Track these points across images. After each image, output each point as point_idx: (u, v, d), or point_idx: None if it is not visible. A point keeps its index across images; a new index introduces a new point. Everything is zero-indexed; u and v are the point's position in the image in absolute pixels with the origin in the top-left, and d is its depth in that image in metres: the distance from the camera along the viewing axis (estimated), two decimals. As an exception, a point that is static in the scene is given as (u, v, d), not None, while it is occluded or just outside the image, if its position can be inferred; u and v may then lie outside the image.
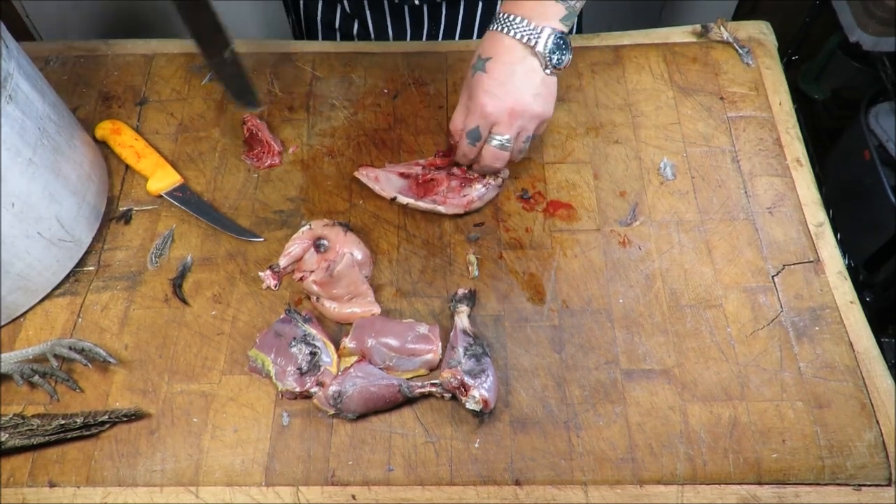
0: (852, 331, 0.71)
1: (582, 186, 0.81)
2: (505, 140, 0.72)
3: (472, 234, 0.78)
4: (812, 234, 0.77)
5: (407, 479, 0.65)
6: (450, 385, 0.65)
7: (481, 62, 0.71)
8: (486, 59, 0.71)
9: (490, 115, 0.71)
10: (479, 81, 0.71)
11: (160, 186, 0.81)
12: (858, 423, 0.66)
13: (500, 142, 0.72)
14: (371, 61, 0.92)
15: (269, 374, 0.68)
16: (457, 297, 0.73)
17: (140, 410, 0.68)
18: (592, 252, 0.77)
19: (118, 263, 0.77)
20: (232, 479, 0.65)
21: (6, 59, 0.65)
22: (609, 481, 0.64)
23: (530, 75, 0.70)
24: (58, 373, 0.68)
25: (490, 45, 0.71)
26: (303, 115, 0.88)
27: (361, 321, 0.71)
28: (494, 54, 0.70)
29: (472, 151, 0.75)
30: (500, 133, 0.72)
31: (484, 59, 0.71)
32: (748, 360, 0.70)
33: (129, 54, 0.93)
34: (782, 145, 0.84)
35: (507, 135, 0.72)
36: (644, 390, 0.68)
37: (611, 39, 0.93)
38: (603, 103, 0.88)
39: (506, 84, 0.70)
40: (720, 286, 0.74)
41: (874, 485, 0.64)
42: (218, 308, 0.74)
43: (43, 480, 0.65)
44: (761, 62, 0.91)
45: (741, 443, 0.65)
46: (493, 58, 0.70)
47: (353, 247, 0.74)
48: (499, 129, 0.72)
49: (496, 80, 0.70)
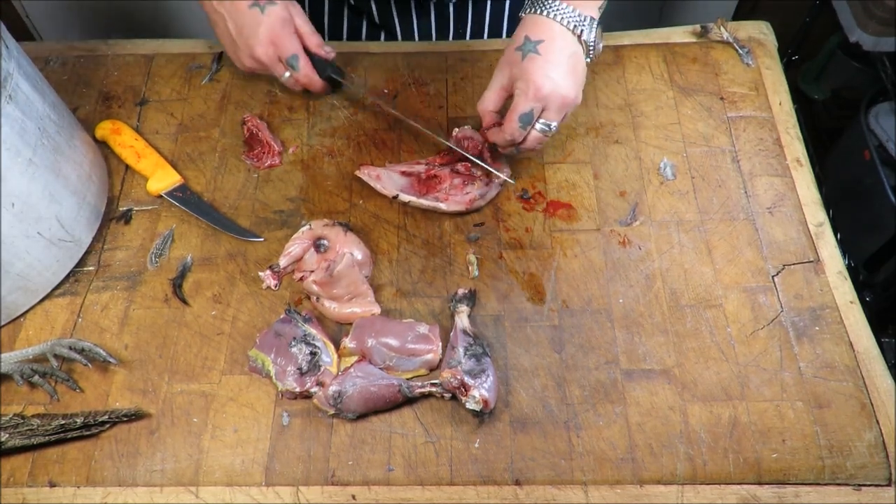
0: (852, 331, 0.71)
1: (582, 186, 0.81)
2: (553, 125, 0.72)
3: (472, 234, 0.78)
4: (812, 234, 0.77)
5: (407, 479, 0.65)
6: (450, 385, 0.65)
7: (532, 44, 0.69)
8: (537, 41, 0.69)
9: (545, 98, 0.69)
10: (535, 63, 0.69)
11: (160, 186, 0.81)
12: (858, 423, 0.66)
13: (547, 126, 0.72)
14: (371, 61, 0.92)
15: (269, 374, 0.68)
16: (457, 297, 0.73)
17: (140, 410, 0.68)
18: (592, 252, 0.77)
19: (118, 263, 0.77)
20: (232, 479, 0.65)
21: (6, 59, 0.65)
22: (609, 481, 0.64)
23: (577, 65, 0.70)
24: (58, 373, 0.68)
25: (538, 29, 0.70)
26: (303, 115, 0.88)
27: (361, 321, 0.71)
28: (546, 38, 0.69)
29: (520, 134, 0.72)
30: (548, 118, 0.71)
31: (535, 41, 0.69)
32: (748, 360, 0.70)
33: (129, 54, 0.94)
34: (782, 145, 0.84)
35: (555, 121, 0.71)
36: (644, 390, 0.68)
37: (611, 39, 0.93)
38: (603, 103, 0.88)
39: (561, 68, 0.69)
40: (720, 286, 0.74)
41: (874, 485, 0.64)
42: (218, 308, 0.74)
43: (43, 480, 0.65)
44: (761, 62, 0.91)
45: (741, 443, 0.65)
46: (545, 41, 0.69)
47: (353, 247, 0.74)
48: (548, 115, 0.71)
49: (552, 62, 0.69)
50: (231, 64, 0.92)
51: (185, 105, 0.89)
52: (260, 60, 0.80)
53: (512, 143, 0.75)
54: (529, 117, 0.71)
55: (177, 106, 0.89)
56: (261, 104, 0.89)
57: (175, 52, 0.93)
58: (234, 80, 0.91)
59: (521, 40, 0.70)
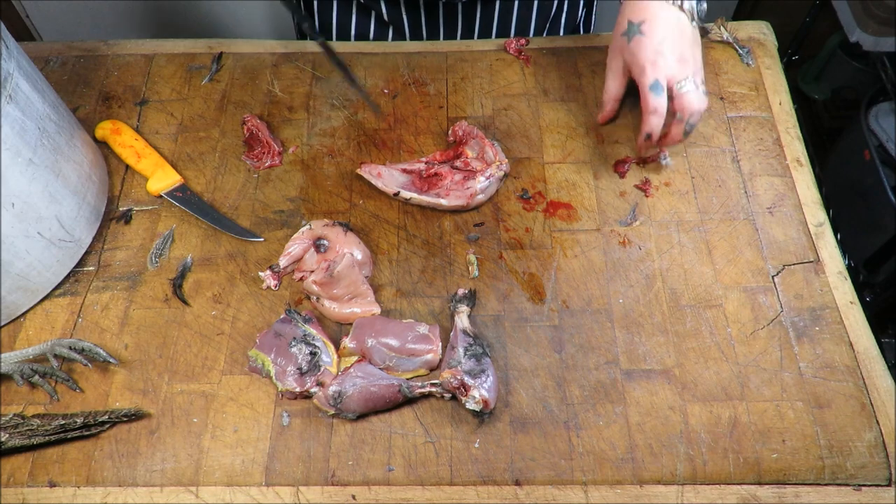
0: (852, 331, 0.71)
1: (582, 186, 0.81)
2: (690, 78, 0.73)
3: (472, 234, 0.78)
4: (812, 234, 0.77)
5: (407, 479, 0.65)
6: (450, 385, 0.65)
7: (635, 26, 0.73)
8: (639, 22, 0.73)
9: (662, 68, 0.73)
10: (640, 43, 0.73)
11: (160, 186, 0.81)
12: (858, 423, 0.66)
13: (688, 84, 0.73)
14: (371, 61, 0.92)
15: (269, 374, 0.68)
16: (457, 297, 0.73)
17: (140, 410, 0.68)
18: (592, 252, 0.77)
19: (118, 263, 0.77)
20: (232, 479, 0.65)
21: (6, 59, 0.65)
22: (609, 481, 0.64)
23: (685, 31, 0.74)
24: (58, 373, 0.68)
25: (638, 11, 0.74)
26: (303, 115, 0.88)
27: (361, 321, 0.71)
28: (647, 17, 0.73)
29: (663, 100, 0.74)
30: (680, 78, 0.73)
31: (637, 22, 0.73)
32: (748, 360, 0.70)
33: (129, 54, 0.94)
34: (782, 145, 0.84)
35: (685, 76, 0.73)
36: (644, 390, 0.68)
37: (611, 39, 0.93)
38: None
39: (666, 38, 0.73)
40: (720, 286, 0.74)
41: (874, 485, 0.64)
42: (218, 308, 0.74)
43: (43, 480, 0.65)
44: (761, 62, 0.91)
45: (741, 443, 0.65)
46: (646, 20, 0.73)
47: (353, 247, 0.74)
48: (676, 76, 0.73)
49: (658, 37, 0.73)
50: (231, 64, 0.92)
51: (185, 105, 0.89)
52: None
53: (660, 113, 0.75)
54: (658, 86, 0.74)
55: (177, 106, 0.89)
56: (261, 104, 0.89)
57: (175, 52, 0.94)
58: (234, 80, 0.91)
59: (625, 25, 0.74)
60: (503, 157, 0.81)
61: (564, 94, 0.88)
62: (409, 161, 0.82)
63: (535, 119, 0.87)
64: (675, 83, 0.74)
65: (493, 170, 0.79)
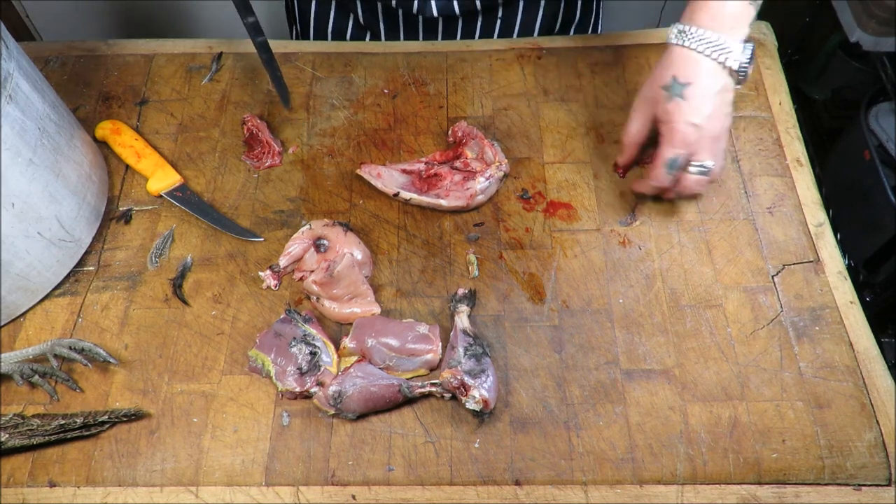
0: (852, 331, 0.71)
1: (582, 186, 0.81)
2: (709, 165, 0.71)
3: (472, 234, 0.78)
4: (812, 234, 0.77)
5: (407, 479, 0.65)
6: (450, 385, 0.65)
7: (679, 87, 0.68)
8: (684, 83, 0.68)
9: (692, 144, 0.69)
10: (679, 109, 0.68)
11: (160, 186, 0.81)
12: (858, 423, 0.66)
13: (703, 168, 0.71)
14: (371, 61, 0.92)
15: (269, 374, 0.68)
16: (457, 297, 0.73)
17: (140, 410, 0.68)
18: (592, 252, 0.77)
19: (118, 263, 0.77)
20: (232, 479, 0.65)
21: (6, 59, 0.65)
22: (609, 481, 0.64)
23: (725, 97, 0.69)
24: (58, 373, 0.68)
25: (687, 69, 0.68)
26: (303, 115, 0.88)
27: (361, 321, 0.71)
28: (694, 80, 0.68)
29: (670, 180, 0.72)
30: (701, 160, 0.70)
31: (682, 83, 0.68)
32: (748, 360, 0.70)
33: (129, 54, 0.94)
34: (782, 145, 0.84)
35: (711, 161, 0.71)
36: (644, 390, 0.68)
37: (611, 39, 0.93)
38: (603, 103, 0.88)
39: (707, 111, 0.68)
40: (720, 286, 0.74)
41: (874, 485, 0.64)
42: (218, 308, 0.74)
43: (43, 480, 0.65)
44: (761, 62, 0.91)
45: (741, 443, 0.65)
46: (693, 84, 0.68)
47: (353, 247, 0.74)
48: (700, 157, 0.70)
49: (697, 109, 0.68)
50: (231, 64, 0.92)
51: (185, 105, 0.89)
52: None
53: (659, 189, 0.75)
54: (675, 163, 0.71)
55: (177, 106, 0.89)
56: (261, 104, 0.89)
57: (175, 52, 0.94)
58: (234, 80, 0.91)
59: (668, 80, 0.69)
60: (503, 158, 0.81)
61: (564, 94, 0.88)
62: (409, 161, 0.83)
63: (535, 119, 0.87)
64: (692, 164, 0.71)
65: (493, 170, 0.79)
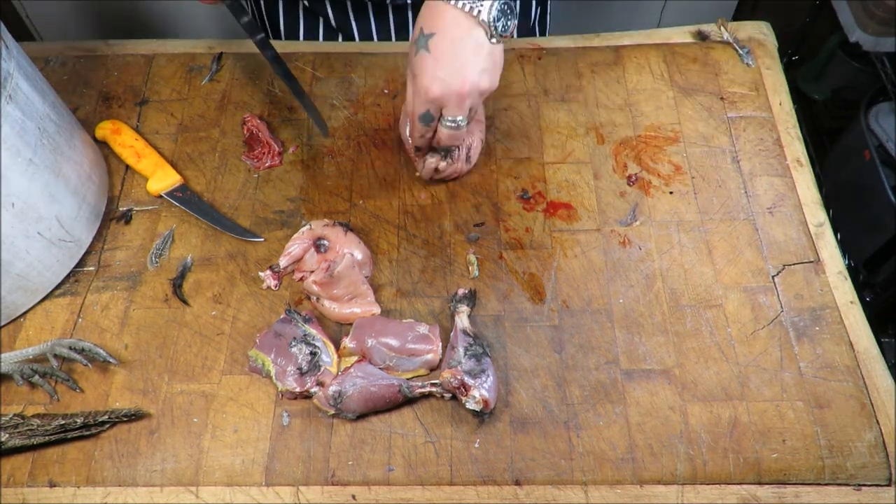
0: (852, 331, 0.71)
1: (582, 186, 0.81)
2: (459, 120, 0.70)
3: (472, 234, 0.78)
4: (812, 234, 0.77)
5: (407, 479, 0.65)
6: (450, 385, 0.65)
7: (424, 38, 0.67)
8: (428, 34, 0.66)
9: (437, 99, 0.68)
10: (423, 63, 0.67)
11: (160, 186, 0.81)
12: (858, 423, 0.66)
13: (453, 123, 0.70)
14: (371, 61, 0.92)
15: (269, 374, 0.68)
16: (457, 297, 0.73)
17: (140, 410, 0.68)
18: (592, 252, 0.77)
19: (118, 263, 0.77)
20: (232, 479, 0.65)
21: (6, 59, 0.65)
22: (609, 481, 0.64)
23: (476, 50, 0.66)
24: (58, 373, 0.68)
25: (432, 19, 0.66)
26: (303, 115, 0.88)
27: (361, 321, 0.71)
28: (438, 29, 0.66)
29: (427, 132, 0.73)
30: (451, 115, 0.69)
31: (427, 34, 0.66)
32: (748, 360, 0.70)
33: (129, 54, 0.94)
34: (782, 145, 0.84)
35: (460, 115, 0.69)
36: (644, 390, 0.68)
37: (611, 39, 0.93)
38: (603, 103, 0.88)
39: (452, 64, 0.66)
40: (720, 286, 0.74)
41: (874, 485, 0.64)
42: (218, 308, 0.74)
43: (43, 480, 0.65)
44: (761, 62, 0.91)
45: (741, 443, 0.65)
46: (436, 33, 0.66)
47: (353, 247, 0.74)
48: (450, 112, 0.69)
49: (441, 61, 0.66)
50: (231, 64, 0.92)
51: (185, 105, 0.89)
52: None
53: (424, 141, 0.74)
54: (428, 116, 0.70)
55: (177, 106, 0.89)
56: (261, 104, 0.89)
57: (175, 52, 0.93)
58: (234, 80, 0.91)
59: (417, 33, 0.68)
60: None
61: (564, 94, 0.88)
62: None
63: (535, 119, 0.87)
64: (444, 118, 0.70)
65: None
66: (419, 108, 0.70)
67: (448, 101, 0.68)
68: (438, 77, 0.67)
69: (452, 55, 0.66)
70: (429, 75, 0.67)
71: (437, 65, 0.66)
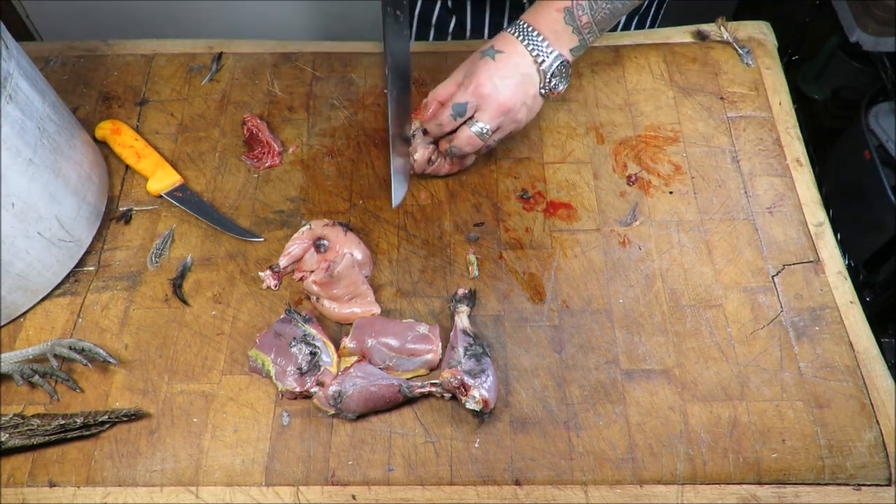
0: (852, 331, 0.71)
1: (582, 186, 0.81)
2: (486, 128, 0.74)
3: (472, 234, 0.78)
4: (812, 234, 0.77)
5: (407, 479, 0.65)
6: (450, 385, 0.65)
7: (493, 51, 0.74)
8: (498, 50, 0.74)
9: (483, 96, 0.72)
10: (486, 65, 0.73)
11: (160, 186, 0.81)
12: (858, 423, 0.66)
13: (480, 128, 0.74)
14: (371, 61, 0.92)
15: (269, 374, 0.68)
16: (457, 297, 0.73)
17: (140, 410, 0.68)
18: (592, 252, 0.77)
19: (118, 263, 0.77)
20: (232, 479, 0.65)
21: (6, 59, 0.65)
22: (609, 481, 0.64)
23: (527, 85, 0.74)
24: (58, 373, 0.68)
25: (505, 43, 0.74)
26: (303, 115, 0.88)
27: (361, 321, 0.71)
28: (507, 51, 0.73)
29: (450, 124, 0.75)
30: (483, 120, 0.73)
31: (496, 50, 0.74)
32: (748, 360, 0.70)
33: (129, 54, 0.94)
34: (782, 145, 0.84)
35: (489, 124, 0.73)
36: (644, 390, 0.68)
37: (611, 39, 0.93)
38: (603, 103, 0.88)
39: (509, 78, 0.73)
40: (720, 286, 0.74)
41: (874, 485, 0.64)
42: (218, 308, 0.74)
43: (43, 480, 0.65)
44: (761, 62, 0.91)
45: (741, 443, 0.65)
46: (505, 53, 0.73)
47: (353, 247, 0.74)
48: (482, 116, 0.73)
49: (501, 71, 0.73)
50: (231, 63, 0.92)
51: (185, 105, 0.89)
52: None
53: (440, 130, 0.76)
54: (462, 108, 0.73)
55: (177, 106, 0.89)
56: (261, 104, 0.89)
57: (175, 52, 0.94)
58: (234, 80, 0.91)
59: (487, 46, 0.75)
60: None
61: (564, 94, 0.88)
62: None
63: (535, 119, 0.86)
64: (474, 120, 0.73)
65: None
66: (460, 97, 0.73)
67: (489, 105, 0.73)
68: (494, 80, 0.72)
69: (512, 73, 0.73)
70: (487, 75, 0.72)
71: (498, 73, 0.73)
